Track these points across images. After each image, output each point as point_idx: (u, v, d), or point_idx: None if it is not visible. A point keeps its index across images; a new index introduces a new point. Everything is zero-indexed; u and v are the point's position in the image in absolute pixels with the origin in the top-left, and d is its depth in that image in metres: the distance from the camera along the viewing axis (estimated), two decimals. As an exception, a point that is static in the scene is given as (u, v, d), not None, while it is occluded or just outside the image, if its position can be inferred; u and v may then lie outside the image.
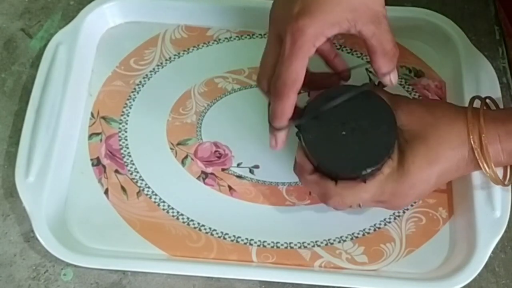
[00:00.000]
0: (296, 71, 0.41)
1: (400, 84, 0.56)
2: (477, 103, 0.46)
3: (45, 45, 0.55)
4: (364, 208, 0.49)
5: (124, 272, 0.48)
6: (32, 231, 0.48)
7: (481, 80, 0.53)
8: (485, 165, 0.44)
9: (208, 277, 0.48)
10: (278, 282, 0.48)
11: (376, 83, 0.47)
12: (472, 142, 0.44)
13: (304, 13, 0.40)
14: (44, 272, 0.48)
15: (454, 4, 0.59)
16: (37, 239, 0.48)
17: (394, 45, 0.44)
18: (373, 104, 0.45)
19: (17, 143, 0.51)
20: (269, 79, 0.44)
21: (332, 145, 0.44)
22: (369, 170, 0.44)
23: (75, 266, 0.48)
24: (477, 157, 0.44)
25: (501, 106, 0.50)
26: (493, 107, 0.48)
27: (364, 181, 0.44)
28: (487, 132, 0.43)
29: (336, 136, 0.45)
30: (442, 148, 0.44)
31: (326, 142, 0.44)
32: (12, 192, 0.51)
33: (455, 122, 0.45)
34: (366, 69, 0.55)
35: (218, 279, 0.48)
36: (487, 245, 0.47)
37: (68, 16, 0.58)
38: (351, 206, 0.47)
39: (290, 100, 0.42)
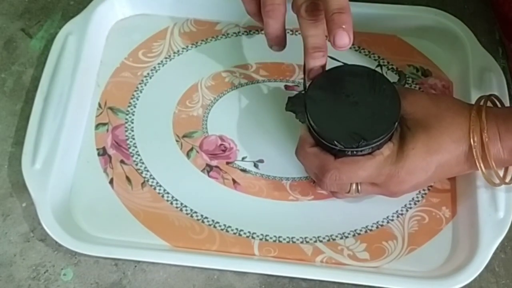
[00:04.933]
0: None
1: (407, 83, 0.56)
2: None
3: (45, 45, 0.56)
4: (362, 196, 0.49)
5: (124, 272, 0.48)
6: (32, 231, 0.49)
7: (488, 81, 0.53)
8: (481, 164, 0.44)
9: (208, 277, 0.48)
10: (279, 277, 0.48)
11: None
12: (471, 140, 0.44)
13: None
14: (44, 272, 0.48)
15: (454, 4, 0.59)
16: (37, 238, 0.49)
17: None
18: (380, 83, 0.46)
19: (17, 143, 0.52)
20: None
21: (333, 115, 0.45)
22: (364, 143, 0.44)
23: (77, 255, 0.48)
24: (475, 156, 0.44)
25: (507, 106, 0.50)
26: (499, 105, 0.48)
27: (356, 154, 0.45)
28: (488, 129, 0.43)
29: (338, 107, 0.45)
30: (443, 139, 0.44)
31: (327, 112, 0.45)
32: (12, 192, 0.51)
33: (459, 115, 0.45)
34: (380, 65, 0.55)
35: (218, 279, 0.48)
36: (489, 245, 0.47)
37: (68, 16, 0.57)
38: (349, 191, 0.46)
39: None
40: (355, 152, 0.45)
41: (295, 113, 0.47)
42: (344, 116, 0.45)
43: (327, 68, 0.47)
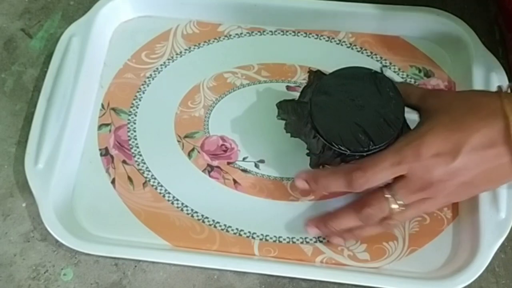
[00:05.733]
0: None
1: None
2: None
3: (45, 45, 0.56)
4: (416, 214, 0.47)
5: (124, 272, 0.48)
6: (33, 231, 0.49)
7: (491, 81, 0.53)
8: None
9: (208, 277, 0.48)
10: (279, 277, 0.48)
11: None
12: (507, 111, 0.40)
13: None
14: (44, 272, 0.48)
15: (454, 4, 0.58)
16: (37, 238, 0.49)
17: None
18: (383, 84, 0.46)
19: (17, 143, 0.52)
20: None
21: (340, 120, 0.45)
22: (373, 147, 0.44)
23: (77, 254, 0.48)
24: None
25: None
26: None
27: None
28: None
29: (344, 111, 0.45)
30: (467, 117, 0.41)
31: (334, 117, 0.45)
32: (12, 192, 0.51)
33: (485, 96, 0.42)
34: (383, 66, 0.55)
35: (218, 279, 0.48)
36: (490, 246, 0.47)
37: (68, 16, 0.58)
38: (380, 189, 0.44)
39: None
40: (364, 155, 0.45)
41: (285, 120, 0.47)
42: (351, 120, 0.45)
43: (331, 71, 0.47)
